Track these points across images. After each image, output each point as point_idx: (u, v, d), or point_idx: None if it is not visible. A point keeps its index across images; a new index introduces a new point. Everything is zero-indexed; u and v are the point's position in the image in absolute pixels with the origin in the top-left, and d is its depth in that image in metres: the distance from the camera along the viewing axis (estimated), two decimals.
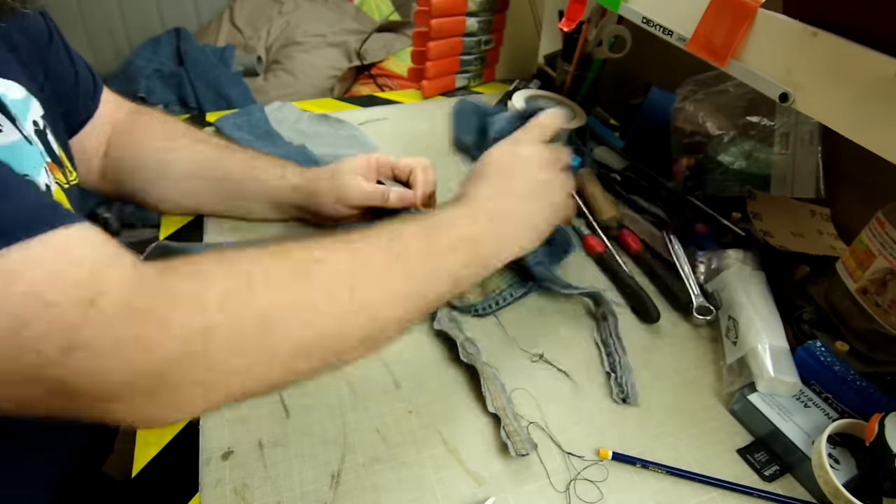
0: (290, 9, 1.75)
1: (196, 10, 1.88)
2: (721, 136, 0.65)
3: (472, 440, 0.43)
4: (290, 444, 0.41)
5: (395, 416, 0.44)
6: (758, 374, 0.45)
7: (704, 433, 0.45)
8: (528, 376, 0.48)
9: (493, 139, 0.48)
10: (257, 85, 1.57)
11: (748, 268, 0.54)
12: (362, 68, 1.53)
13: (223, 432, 0.41)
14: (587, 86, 0.84)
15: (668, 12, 0.50)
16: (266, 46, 1.69)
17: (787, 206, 0.62)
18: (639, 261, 0.60)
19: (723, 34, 0.44)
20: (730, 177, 0.65)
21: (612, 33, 0.76)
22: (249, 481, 0.39)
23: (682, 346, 0.52)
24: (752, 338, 0.47)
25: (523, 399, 0.46)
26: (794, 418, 0.43)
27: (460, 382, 0.47)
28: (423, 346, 0.50)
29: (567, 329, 0.52)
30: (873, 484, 0.39)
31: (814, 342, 0.46)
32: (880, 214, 0.44)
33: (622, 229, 0.62)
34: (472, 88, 0.96)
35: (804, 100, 0.39)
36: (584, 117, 0.79)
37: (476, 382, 0.46)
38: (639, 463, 0.41)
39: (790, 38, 0.39)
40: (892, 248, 0.43)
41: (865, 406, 0.43)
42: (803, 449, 0.41)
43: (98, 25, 1.80)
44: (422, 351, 0.49)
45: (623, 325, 0.53)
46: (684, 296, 0.54)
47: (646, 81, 0.80)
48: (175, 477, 0.39)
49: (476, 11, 0.87)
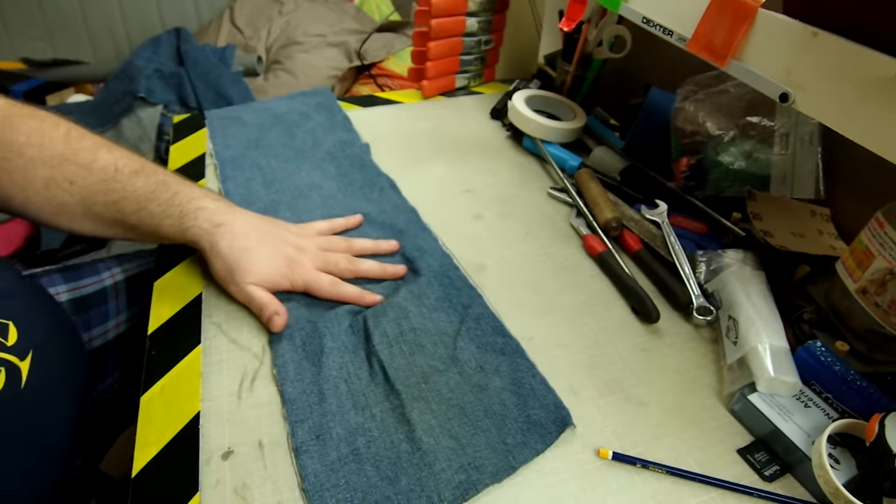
0: (290, 9, 1.75)
1: (196, 10, 1.88)
2: (721, 136, 0.65)
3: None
4: (290, 444, 0.41)
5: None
6: (758, 374, 0.45)
7: (704, 433, 0.45)
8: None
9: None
10: (257, 85, 1.58)
11: (748, 268, 0.54)
12: (362, 68, 1.53)
13: (223, 432, 0.41)
14: (587, 86, 0.84)
15: (668, 12, 0.50)
16: (266, 46, 1.69)
17: (787, 207, 0.62)
18: (639, 261, 0.60)
19: (723, 34, 0.44)
20: (730, 177, 0.65)
21: (612, 33, 0.77)
22: (249, 481, 0.39)
23: (682, 346, 0.52)
24: (752, 338, 0.47)
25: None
26: (794, 418, 0.43)
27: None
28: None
29: (564, 328, 0.52)
30: (873, 484, 0.39)
31: (814, 342, 0.46)
32: (879, 214, 0.44)
33: (622, 229, 0.62)
34: (472, 88, 0.96)
35: (804, 100, 0.39)
36: (584, 117, 0.79)
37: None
38: (639, 463, 0.41)
39: (790, 38, 0.39)
40: (892, 248, 0.43)
41: (865, 406, 0.43)
42: (803, 449, 0.41)
43: (98, 25, 1.80)
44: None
45: (623, 324, 0.53)
46: (684, 296, 0.54)
47: (646, 81, 0.80)
48: (175, 477, 0.39)
49: (476, 11, 0.87)
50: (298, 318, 0.49)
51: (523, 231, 0.64)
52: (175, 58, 1.56)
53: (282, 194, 0.64)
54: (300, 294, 0.52)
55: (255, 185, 0.65)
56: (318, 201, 0.64)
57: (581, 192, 0.67)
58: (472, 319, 0.51)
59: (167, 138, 1.28)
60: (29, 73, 1.47)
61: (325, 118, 0.80)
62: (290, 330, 0.48)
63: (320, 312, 0.50)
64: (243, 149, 0.71)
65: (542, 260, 0.60)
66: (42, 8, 1.73)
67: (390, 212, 0.63)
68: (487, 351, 0.48)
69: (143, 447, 0.40)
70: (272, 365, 0.46)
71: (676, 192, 0.67)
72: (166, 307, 0.51)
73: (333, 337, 0.48)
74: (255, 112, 0.80)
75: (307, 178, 0.67)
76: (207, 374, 0.45)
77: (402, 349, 0.47)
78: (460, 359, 0.47)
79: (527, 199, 0.69)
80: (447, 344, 0.48)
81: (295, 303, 0.51)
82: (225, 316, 0.50)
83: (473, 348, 0.48)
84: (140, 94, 1.42)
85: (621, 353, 0.50)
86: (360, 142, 0.76)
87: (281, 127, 0.77)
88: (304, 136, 0.75)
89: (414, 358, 0.46)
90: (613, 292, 0.57)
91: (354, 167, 0.70)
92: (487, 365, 0.47)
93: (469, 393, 0.44)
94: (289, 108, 0.81)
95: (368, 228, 0.61)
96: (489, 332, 0.50)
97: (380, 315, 0.49)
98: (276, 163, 0.70)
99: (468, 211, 0.66)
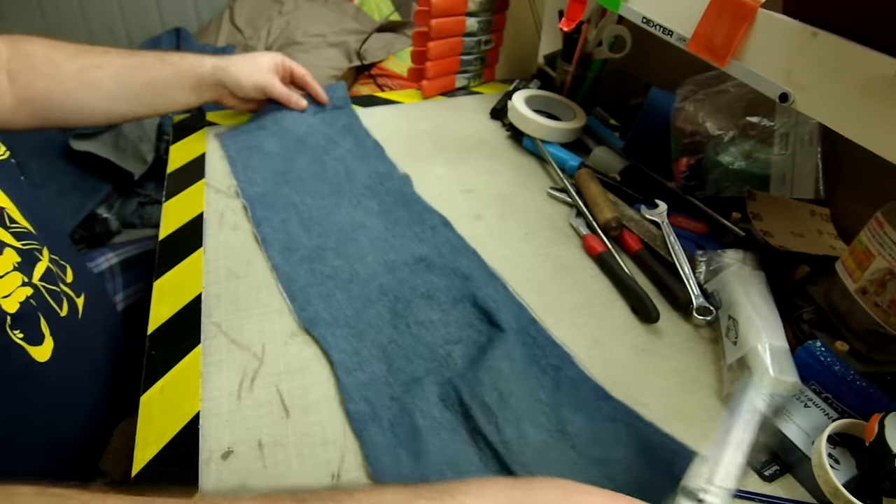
0: (290, 9, 1.75)
1: (196, 10, 1.88)
2: (721, 136, 0.65)
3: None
4: (290, 444, 0.41)
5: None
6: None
7: (704, 433, 0.44)
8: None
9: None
10: None
11: (748, 268, 0.54)
12: (362, 68, 1.53)
13: (223, 432, 0.41)
14: (587, 86, 0.84)
15: (668, 12, 0.50)
16: (266, 46, 1.69)
17: (786, 207, 0.62)
18: (639, 261, 0.60)
19: (723, 34, 0.44)
20: (730, 177, 0.65)
21: (612, 33, 0.77)
22: (249, 481, 0.39)
23: (682, 346, 0.52)
24: (752, 338, 0.47)
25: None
26: (794, 418, 0.43)
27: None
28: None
29: (564, 329, 0.52)
30: (873, 484, 0.39)
31: (814, 342, 0.46)
32: (879, 214, 0.44)
33: (622, 229, 0.62)
34: (472, 88, 0.96)
35: (804, 100, 0.39)
36: (584, 117, 0.79)
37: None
38: None
39: (790, 38, 0.39)
40: (891, 248, 0.43)
41: (865, 406, 0.43)
42: (803, 449, 0.41)
43: (98, 25, 1.80)
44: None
45: (623, 324, 0.53)
46: (684, 296, 0.54)
47: (646, 81, 0.80)
48: (175, 477, 0.39)
49: (476, 11, 0.87)
50: (379, 394, 0.44)
51: (523, 231, 0.64)
52: None
53: (326, 238, 0.59)
54: (376, 361, 0.47)
55: (292, 227, 0.60)
56: (368, 244, 0.58)
57: (581, 192, 0.67)
58: (569, 384, 0.46)
59: (167, 138, 1.28)
60: None
61: (354, 144, 0.75)
62: (375, 409, 0.43)
63: (403, 386, 0.45)
64: (271, 184, 0.66)
65: (542, 260, 0.60)
66: (42, 8, 1.73)
67: (448, 254, 0.58)
68: (597, 421, 0.43)
69: (143, 447, 0.40)
70: (361, 455, 0.41)
71: (676, 192, 0.67)
72: (166, 307, 0.51)
73: (424, 414, 0.42)
74: (274, 135, 0.73)
75: (348, 216, 0.62)
76: (207, 374, 0.45)
77: (507, 418, 0.42)
78: (570, 432, 0.42)
79: (527, 199, 0.69)
80: (548, 414, 0.43)
81: (371, 375, 0.46)
82: (225, 316, 0.50)
83: (581, 420, 0.43)
84: None
85: (621, 353, 0.50)
86: (398, 173, 0.71)
87: (307, 155, 0.71)
88: (335, 165, 0.70)
89: (523, 429, 0.41)
90: (613, 292, 0.57)
91: (398, 203, 0.65)
92: (602, 437, 0.42)
93: (590, 468, 0.40)
94: (309, 128, 0.76)
95: (430, 274, 0.55)
96: (591, 399, 0.45)
97: (473, 383, 0.44)
98: (310, 200, 0.64)
99: (468, 211, 0.66)
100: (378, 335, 0.49)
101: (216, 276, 0.54)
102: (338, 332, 0.49)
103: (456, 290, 0.54)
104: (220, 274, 0.55)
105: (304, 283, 0.54)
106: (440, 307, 0.52)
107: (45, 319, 0.44)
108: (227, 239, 0.59)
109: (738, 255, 0.55)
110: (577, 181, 0.69)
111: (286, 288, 0.53)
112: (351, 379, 0.45)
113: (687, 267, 0.57)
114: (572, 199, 0.67)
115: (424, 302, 0.53)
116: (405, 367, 0.46)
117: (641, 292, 0.54)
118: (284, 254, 0.57)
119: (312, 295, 0.52)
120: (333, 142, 0.75)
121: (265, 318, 0.50)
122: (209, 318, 0.50)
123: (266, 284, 0.54)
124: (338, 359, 0.47)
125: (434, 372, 0.46)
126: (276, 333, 0.49)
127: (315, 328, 0.49)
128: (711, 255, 0.56)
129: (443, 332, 0.50)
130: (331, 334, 0.49)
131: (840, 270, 0.48)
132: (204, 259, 0.56)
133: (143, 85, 0.62)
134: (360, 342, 0.48)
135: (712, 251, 0.57)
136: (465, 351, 0.48)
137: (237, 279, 0.54)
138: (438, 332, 0.50)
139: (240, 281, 0.54)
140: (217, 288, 0.53)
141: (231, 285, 0.54)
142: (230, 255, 0.57)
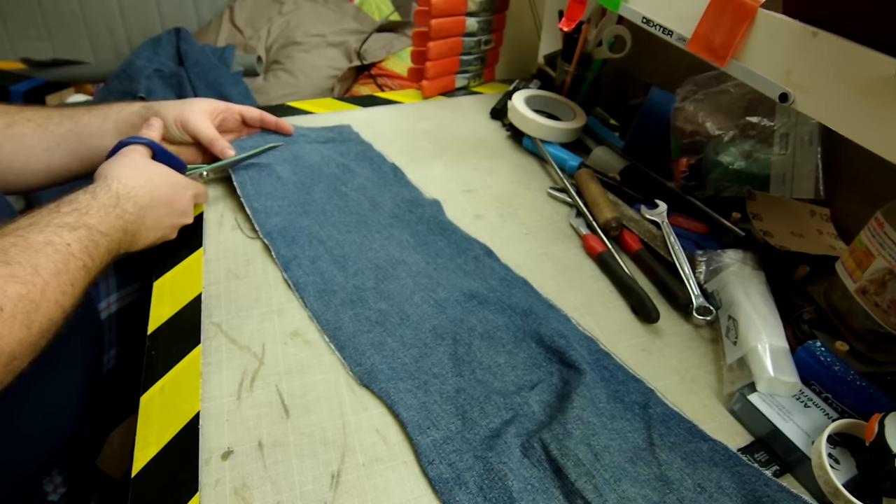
0: (290, 9, 1.75)
1: (196, 10, 1.88)
2: (721, 136, 0.65)
3: None
4: (290, 444, 0.41)
5: (395, 416, 0.43)
6: (758, 374, 0.45)
7: None
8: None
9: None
10: (257, 85, 1.57)
11: (748, 268, 0.54)
12: (362, 68, 1.53)
13: (223, 432, 0.41)
14: (587, 86, 0.84)
15: (668, 12, 0.50)
16: (266, 46, 1.69)
17: (786, 207, 0.62)
18: (639, 261, 0.60)
19: (723, 34, 0.44)
20: (729, 177, 0.65)
21: (612, 33, 0.77)
22: (249, 481, 0.39)
23: (682, 346, 0.52)
24: (752, 338, 0.47)
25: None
26: (794, 418, 0.43)
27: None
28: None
29: None
30: (873, 484, 0.39)
31: (814, 342, 0.46)
32: (879, 214, 0.44)
33: (622, 229, 0.62)
34: (472, 88, 0.96)
35: (804, 100, 0.39)
36: (584, 117, 0.79)
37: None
38: None
39: (790, 38, 0.39)
40: (891, 248, 0.43)
41: (865, 406, 0.43)
42: (803, 449, 0.41)
43: (98, 25, 1.80)
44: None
45: (623, 324, 0.53)
46: (684, 296, 0.54)
47: (646, 81, 0.80)
48: (175, 477, 0.39)
49: (476, 11, 0.87)
50: (461, 453, 0.40)
51: (523, 231, 0.64)
52: (175, 58, 1.56)
53: (363, 277, 0.54)
54: (448, 416, 0.43)
55: (324, 266, 0.54)
56: (410, 282, 0.53)
57: (581, 192, 0.67)
58: (659, 423, 0.43)
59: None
60: (29, 73, 1.47)
61: (371, 170, 0.70)
62: (458, 472, 0.39)
63: (483, 441, 0.41)
64: (290, 215, 0.60)
65: (542, 260, 0.60)
66: (42, 8, 1.73)
67: (499, 287, 0.54)
68: (697, 463, 0.40)
69: (143, 447, 0.40)
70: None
71: (676, 192, 0.67)
72: (166, 307, 0.51)
73: (517, 476, 0.39)
74: (286, 161, 0.66)
75: (382, 251, 0.57)
76: (207, 374, 0.45)
77: (604, 478, 0.38)
78: (672, 479, 0.39)
79: (527, 199, 0.69)
80: (647, 460, 0.40)
81: (447, 432, 0.42)
82: (225, 316, 0.50)
83: (680, 462, 0.40)
84: (140, 94, 1.42)
85: (621, 353, 0.50)
86: (425, 198, 0.66)
87: (325, 184, 0.65)
88: (357, 196, 0.64)
89: (623, 488, 0.38)
90: (613, 292, 0.57)
91: (433, 232, 0.61)
92: (706, 482, 0.39)
93: None
94: (322, 157, 0.69)
95: (485, 311, 0.51)
96: (686, 438, 0.42)
97: (562, 436, 0.40)
98: (336, 233, 0.58)
99: (468, 211, 0.66)
100: (443, 385, 0.45)
101: (216, 276, 0.54)
102: (400, 386, 0.44)
103: (516, 328, 0.50)
104: (220, 274, 0.55)
105: (351, 331, 0.49)
106: (504, 348, 0.48)
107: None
108: (227, 239, 0.59)
109: (738, 255, 0.55)
110: (577, 181, 0.69)
111: (332, 338, 0.48)
112: (427, 439, 0.41)
113: (687, 267, 0.57)
114: (572, 199, 0.67)
115: (486, 343, 0.48)
116: (480, 420, 0.42)
117: (641, 292, 0.54)
118: (323, 298, 0.51)
119: (364, 345, 0.47)
120: (350, 170, 0.68)
121: (265, 318, 0.50)
122: (209, 318, 0.50)
123: (266, 284, 0.54)
124: (407, 417, 0.42)
125: (513, 423, 0.42)
126: (276, 333, 0.49)
127: (374, 383, 0.45)
128: (711, 255, 0.56)
129: (511, 376, 0.46)
130: (393, 388, 0.44)
131: (840, 270, 0.48)
132: (204, 259, 0.56)
133: (68, 131, 0.58)
134: (426, 395, 0.44)
135: (712, 251, 0.57)
136: (542, 396, 0.44)
137: (237, 279, 0.54)
138: (507, 377, 0.46)
139: (240, 281, 0.54)
140: (217, 288, 0.53)
141: (231, 285, 0.54)
142: (230, 255, 0.57)
